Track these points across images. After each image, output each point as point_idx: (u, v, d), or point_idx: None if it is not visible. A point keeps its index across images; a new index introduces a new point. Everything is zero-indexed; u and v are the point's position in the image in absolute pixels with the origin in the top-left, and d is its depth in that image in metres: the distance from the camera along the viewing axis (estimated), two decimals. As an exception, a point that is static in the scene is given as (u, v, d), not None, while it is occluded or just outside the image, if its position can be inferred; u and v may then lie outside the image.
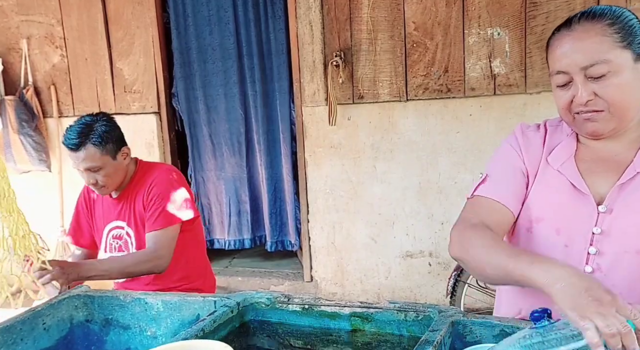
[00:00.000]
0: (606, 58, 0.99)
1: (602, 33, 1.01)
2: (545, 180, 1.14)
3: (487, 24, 2.82)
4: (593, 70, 1.00)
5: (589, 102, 1.02)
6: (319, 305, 1.27)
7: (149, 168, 2.01)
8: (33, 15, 3.69)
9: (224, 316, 1.25)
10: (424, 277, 3.14)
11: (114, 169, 1.89)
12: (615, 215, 1.06)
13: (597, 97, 1.02)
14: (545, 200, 1.13)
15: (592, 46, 1.00)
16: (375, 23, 2.99)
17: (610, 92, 1.01)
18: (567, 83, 1.05)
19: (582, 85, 1.02)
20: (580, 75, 1.02)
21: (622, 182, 1.06)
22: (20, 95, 3.70)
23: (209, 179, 3.67)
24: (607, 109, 1.02)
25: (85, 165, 1.85)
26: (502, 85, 2.84)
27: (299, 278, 3.46)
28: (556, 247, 1.11)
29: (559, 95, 1.07)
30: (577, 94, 1.03)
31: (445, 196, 3.03)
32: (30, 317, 1.32)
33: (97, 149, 1.85)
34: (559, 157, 1.13)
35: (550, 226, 1.12)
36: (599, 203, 1.08)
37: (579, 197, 1.09)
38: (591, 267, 1.08)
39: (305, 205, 3.32)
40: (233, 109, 3.54)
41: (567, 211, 1.10)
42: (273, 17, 3.35)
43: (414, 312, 1.20)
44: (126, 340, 1.41)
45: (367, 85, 3.06)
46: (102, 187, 1.90)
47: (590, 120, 1.04)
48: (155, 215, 1.88)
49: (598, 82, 1.01)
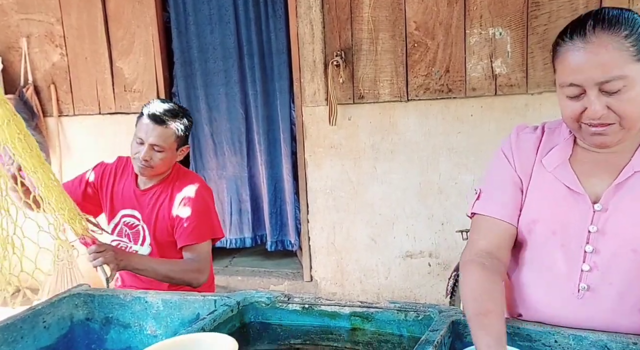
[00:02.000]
0: (622, 74, 0.97)
1: (619, 47, 0.97)
2: (540, 183, 1.14)
3: (488, 24, 2.82)
4: (609, 86, 0.98)
5: (602, 116, 1.00)
6: (319, 304, 1.27)
7: (184, 175, 2.01)
8: (33, 14, 3.69)
9: (224, 315, 1.24)
10: (424, 278, 3.14)
11: (171, 157, 1.93)
12: (611, 213, 1.06)
13: (609, 110, 1.00)
14: (540, 203, 1.14)
15: (609, 62, 0.97)
16: (376, 22, 2.99)
17: (624, 107, 0.99)
18: (579, 95, 1.02)
19: (596, 99, 0.99)
20: (594, 89, 0.99)
21: (619, 182, 1.06)
22: (20, 94, 3.69)
23: (210, 178, 3.67)
24: (618, 122, 1.01)
25: (155, 140, 1.87)
26: (504, 86, 2.84)
27: (299, 278, 3.46)
28: (554, 247, 1.12)
29: (568, 105, 1.04)
30: (589, 107, 1.00)
31: (445, 197, 3.02)
32: (30, 316, 1.32)
33: (174, 133, 1.90)
34: (553, 160, 1.13)
35: (546, 227, 1.13)
36: (595, 202, 1.08)
37: (574, 197, 1.10)
38: (588, 265, 1.08)
39: (305, 205, 3.32)
40: (234, 109, 3.54)
41: (562, 211, 1.11)
42: (274, 16, 3.35)
43: (414, 312, 1.20)
44: (126, 339, 1.41)
45: (368, 85, 3.06)
46: (150, 167, 1.90)
47: (600, 134, 1.03)
48: (190, 228, 1.88)
49: (612, 96, 0.99)
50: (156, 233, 1.94)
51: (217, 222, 1.98)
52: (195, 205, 1.90)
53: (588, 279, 1.09)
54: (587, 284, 1.09)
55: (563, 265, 1.11)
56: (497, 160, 1.21)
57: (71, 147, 3.78)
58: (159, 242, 1.94)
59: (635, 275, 1.06)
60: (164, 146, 1.88)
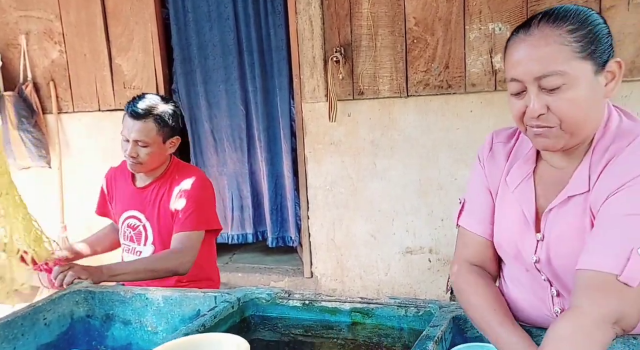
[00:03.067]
0: (561, 69, 0.91)
1: (560, 41, 0.92)
2: (503, 204, 1.12)
3: (488, 19, 2.81)
4: (546, 82, 0.92)
5: (541, 117, 0.95)
6: (320, 300, 1.27)
7: (183, 168, 2.01)
8: (32, 11, 3.68)
9: (224, 311, 1.25)
10: (424, 274, 3.14)
11: (159, 151, 1.91)
12: (547, 241, 1.02)
13: (549, 111, 0.94)
14: (501, 228, 1.12)
15: (548, 55, 0.92)
16: (375, 18, 2.98)
17: (563, 107, 0.93)
18: (521, 92, 0.97)
19: (535, 97, 0.94)
20: (534, 85, 0.94)
21: (552, 207, 1.01)
22: (20, 91, 3.69)
23: (211, 174, 3.67)
24: (557, 125, 0.95)
25: (137, 136, 1.86)
26: (503, 81, 2.84)
27: (299, 274, 3.47)
28: (520, 270, 1.11)
29: (513, 104, 1.00)
30: (529, 105, 0.95)
31: (445, 193, 3.02)
32: (30, 313, 1.32)
33: (155, 126, 1.87)
34: (515, 178, 1.09)
35: (507, 253, 1.12)
36: (539, 231, 1.04)
37: (525, 223, 1.06)
38: (555, 290, 1.06)
39: (305, 202, 3.32)
40: (234, 105, 3.54)
41: (516, 239, 1.08)
42: (273, 13, 3.34)
43: (415, 308, 1.20)
44: (127, 336, 1.41)
45: (367, 81, 3.06)
46: (139, 163, 1.90)
47: (540, 136, 0.97)
48: (185, 216, 1.88)
49: (552, 94, 0.93)
50: (160, 230, 1.94)
51: (214, 214, 1.96)
52: (189, 196, 1.90)
53: (560, 303, 1.06)
54: (559, 308, 1.06)
55: (535, 289, 1.09)
56: (475, 168, 1.21)
57: (70, 144, 3.78)
58: (163, 239, 1.93)
59: None
60: (147, 141, 1.86)
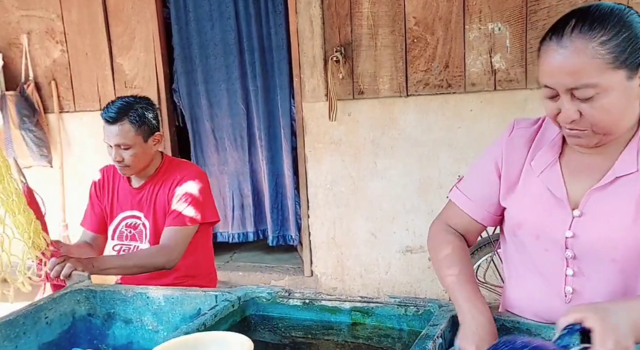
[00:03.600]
0: (594, 82, 0.93)
1: (592, 55, 0.93)
2: (527, 186, 1.13)
3: (487, 19, 2.82)
4: (579, 93, 0.95)
5: (574, 122, 0.98)
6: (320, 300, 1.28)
7: (177, 164, 2.02)
8: (33, 10, 3.69)
9: (225, 310, 1.25)
10: (424, 272, 3.15)
11: (142, 150, 1.90)
12: (587, 218, 1.04)
13: (582, 117, 0.97)
14: (524, 206, 1.13)
15: (581, 70, 0.93)
16: (375, 18, 2.99)
17: (596, 114, 0.96)
18: (555, 96, 1.00)
19: (567, 104, 0.97)
20: (567, 94, 0.97)
21: (599, 186, 1.04)
22: (21, 91, 3.70)
23: (211, 173, 3.68)
24: (589, 129, 0.98)
25: (116, 140, 1.86)
26: (503, 81, 2.84)
27: (300, 273, 3.47)
28: (538, 252, 1.12)
29: (547, 104, 1.03)
30: (562, 111, 0.99)
31: (445, 192, 3.00)
32: (32, 311, 1.33)
33: (132, 127, 1.87)
34: (540, 162, 1.11)
35: (529, 232, 1.12)
36: (575, 207, 1.06)
37: (555, 201, 1.08)
38: (572, 270, 1.07)
39: (305, 201, 3.33)
40: (235, 104, 3.55)
41: (543, 216, 1.10)
42: (274, 12, 3.35)
43: (414, 307, 1.21)
44: (128, 334, 1.42)
45: (368, 81, 3.06)
46: (127, 166, 1.90)
47: (574, 136, 1.01)
48: (178, 211, 1.89)
49: (585, 102, 0.96)
50: (158, 228, 1.95)
51: (209, 207, 1.95)
52: (182, 192, 1.90)
53: (573, 283, 1.08)
54: (572, 288, 1.08)
55: (548, 270, 1.11)
56: (488, 153, 1.21)
57: (72, 143, 3.79)
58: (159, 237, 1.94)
59: (617, 284, 1.04)
60: (128, 143, 1.86)
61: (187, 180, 1.93)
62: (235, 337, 1.07)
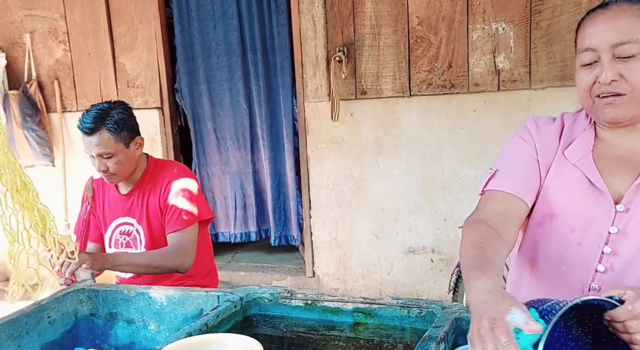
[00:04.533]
0: (639, 38, 0.97)
1: (638, 14, 0.98)
2: (561, 175, 1.10)
3: (491, 19, 2.81)
4: (623, 49, 0.98)
5: (613, 83, 0.99)
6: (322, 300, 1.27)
7: (162, 166, 1.99)
8: (36, 10, 3.69)
9: (227, 311, 1.25)
10: (427, 273, 3.14)
11: (125, 157, 1.88)
12: (633, 215, 1.03)
13: (622, 78, 0.99)
14: (561, 197, 1.10)
15: (627, 25, 0.98)
16: (378, 18, 2.98)
17: (637, 75, 0.98)
18: (593, 63, 1.02)
19: (608, 65, 0.99)
20: (608, 53, 0.99)
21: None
22: (24, 90, 3.70)
23: (213, 173, 3.68)
24: (629, 93, 0.99)
25: (97, 150, 1.84)
26: (507, 81, 2.83)
27: (301, 273, 3.47)
28: (569, 245, 1.09)
29: (582, 76, 1.04)
30: (601, 74, 1.00)
31: (448, 192, 3.02)
32: (35, 311, 1.33)
33: (111, 135, 1.84)
34: (576, 151, 1.10)
35: (565, 224, 1.10)
36: (617, 202, 1.05)
37: (595, 194, 1.06)
38: (604, 267, 1.06)
39: (307, 201, 3.32)
40: (237, 104, 3.54)
41: (583, 209, 1.07)
42: (276, 12, 3.34)
43: (417, 308, 1.20)
44: (130, 334, 1.42)
45: (370, 81, 3.05)
46: (113, 175, 1.88)
47: (611, 105, 1.01)
48: (175, 215, 1.87)
49: (625, 62, 0.98)
50: (152, 232, 1.93)
51: (202, 204, 1.94)
52: (174, 193, 1.89)
53: (601, 280, 1.06)
54: (598, 285, 1.06)
55: (576, 265, 1.08)
56: (515, 142, 1.16)
57: (74, 143, 3.79)
58: (155, 242, 1.93)
59: None
60: (109, 152, 1.84)
61: (178, 182, 1.91)
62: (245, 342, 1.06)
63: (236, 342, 1.08)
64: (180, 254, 1.84)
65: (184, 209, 1.88)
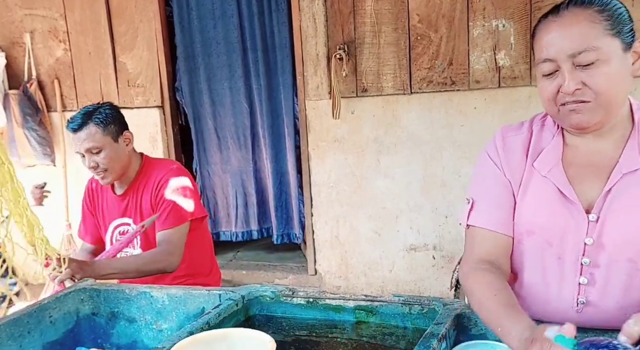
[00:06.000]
0: (595, 45, 0.95)
1: (591, 19, 0.96)
2: (532, 189, 1.09)
3: (492, 16, 2.80)
4: (582, 58, 0.96)
5: (577, 92, 0.98)
6: (324, 298, 1.27)
7: (155, 164, 1.98)
8: (36, 9, 3.69)
9: (229, 309, 1.25)
10: (428, 271, 3.14)
11: (115, 152, 1.87)
12: (606, 224, 1.02)
13: (585, 86, 0.97)
14: (535, 213, 1.09)
15: (581, 32, 0.96)
16: (378, 15, 2.98)
17: (599, 81, 0.96)
18: (554, 72, 1.00)
19: (569, 74, 0.97)
20: (567, 63, 0.97)
21: (609, 188, 1.02)
22: (24, 90, 3.70)
23: (214, 172, 3.68)
24: (593, 100, 0.98)
25: (86, 145, 1.84)
26: (507, 78, 2.83)
27: (303, 271, 3.47)
28: (550, 260, 1.08)
29: (544, 86, 1.03)
30: (564, 83, 0.98)
31: (449, 190, 3.02)
32: (36, 310, 1.33)
33: (98, 129, 1.84)
34: (546, 162, 1.08)
35: (541, 239, 1.08)
36: (588, 211, 1.03)
37: (567, 205, 1.05)
38: (585, 278, 1.05)
39: (308, 199, 3.32)
40: (238, 103, 3.54)
41: (557, 222, 1.06)
42: (277, 10, 3.34)
43: (419, 306, 1.20)
44: (132, 333, 1.42)
45: (371, 79, 3.05)
46: (104, 171, 1.87)
47: (575, 111, 0.99)
48: (165, 214, 1.87)
49: (586, 70, 0.96)
50: (148, 232, 1.92)
51: (196, 203, 1.93)
52: (166, 191, 1.88)
53: (586, 292, 1.05)
54: (585, 298, 1.05)
55: (560, 279, 1.08)
56: (483, 165, 1.17)
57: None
58: (150, 241, 1.92)
59: (633, 286, 1.02)
60: (98, 145, 1.84)
61: (170, 180, 1.90)
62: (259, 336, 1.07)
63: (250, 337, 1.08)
64: (168, 254, 1.83)
65: (175, 207, 1.87)
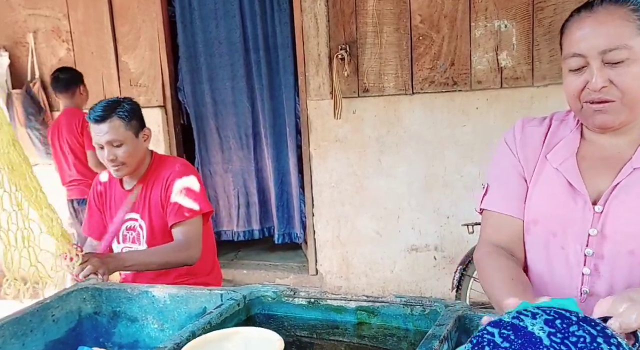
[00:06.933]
0: (627, 43, 0.95)
1: (625, 17, 0.95)
2: (542, 180, 1.11)
3: (494, 16, 2.80)
4: (612, 55, 0.95)
5: (603, 89, 0.97)
6: (325, 299, 1.27)
7: (164, 161, 2.01)
8: (40, 9, 3.70)
9: (230, 309, 1.25)
10: (429, 271, 3.14)
11: (134, 147, 1.89)
12: (611, 215, 1.02)
13: (611, 84, 0.97)
14: (541, 202, 1.10)
15: (614, 30, 0.95)
16: (380, 16, 2.98)
17: (626, 80, 0.96)
18: (581, 68, 0.99)
19: (598, 71, 0.96)
20: (597, 59, 0.97)
21: (619, 181, 1.02)
22: (27, 89, 3.71)
23: (216, 171, 3.69)
24: (619, 99, 0.97)
25: (108, 137, 1.85)
26: (509, 78, 2.83)
27: (304, 271, 3.47)
28: (554, 250, 1.09)
29: (570, 81, 1.02)
30: (591, 79, 0.97)
31: (451, 190, 3.02)
32: (39, 309, 1.34)
33: (122, 123, 1.86)
34: (559, 154, 1.09)
35: (546, 229, 1.10)
36: (595, 203, 1.04)
37: (574, 197, 1.06)
38: (588, 269, 1.05)
39: (310, 199, 3.32)
40: (240, 103, 3.55)
41: (562, 213, 1.07)
42: (279, 10, 3.34)
43: (421, 307, 1.20)
44: (133, 333, 1.42)
45: (373, 79, 3.05)
46: (122, 164, 1.89)
47: (600, 112, 0.99)
48: (176, 208, 1.88)
49: (615, 68, 0.96)
50: (153, 228, 1.93)
51: (203, 198, 1.95)
52: (176, 186, 1.89)
53: (589, 282, 1.06)
54: (588, 288, 1.06)
55: (563, 269, 1.09)
56: (500, 152, 1.19)
57: (78, 142, 3.80)
58: (155, 237, 1.93)
59: (634, 277, 1.02)
60: (119, 138, 1.85)
61: (180, 176, 1.91)
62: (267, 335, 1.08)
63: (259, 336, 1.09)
64: (187, 247, 1.84)
65: (186, 202, 1.89)
